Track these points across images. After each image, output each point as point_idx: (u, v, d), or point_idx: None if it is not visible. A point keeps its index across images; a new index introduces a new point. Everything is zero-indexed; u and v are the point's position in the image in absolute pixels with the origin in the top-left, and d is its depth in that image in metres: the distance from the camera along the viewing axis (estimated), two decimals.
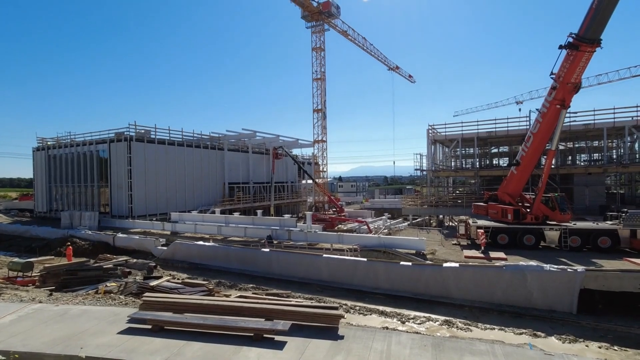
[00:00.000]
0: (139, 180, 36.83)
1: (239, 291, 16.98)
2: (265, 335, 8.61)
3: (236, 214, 34.72)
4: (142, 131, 38.62)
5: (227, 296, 14.52)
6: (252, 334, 8.65)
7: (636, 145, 38.47)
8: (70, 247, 24.87)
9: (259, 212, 35.74)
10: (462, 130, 39.36)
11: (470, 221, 26.00)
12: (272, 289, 17.35)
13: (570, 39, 20.79)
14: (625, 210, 23.92)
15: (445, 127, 40.22)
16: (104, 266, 18.98)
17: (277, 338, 8.56)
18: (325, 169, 49.93)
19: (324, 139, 48.37)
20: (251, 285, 18.18)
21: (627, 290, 13.63)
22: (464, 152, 49.96)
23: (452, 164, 46.56)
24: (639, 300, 13.62)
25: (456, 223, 34.18)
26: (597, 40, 20.15)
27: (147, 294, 12.40)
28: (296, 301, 12.31)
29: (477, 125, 38.54)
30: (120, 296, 13.84)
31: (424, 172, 42.86)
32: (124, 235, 28.46)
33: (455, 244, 25.28)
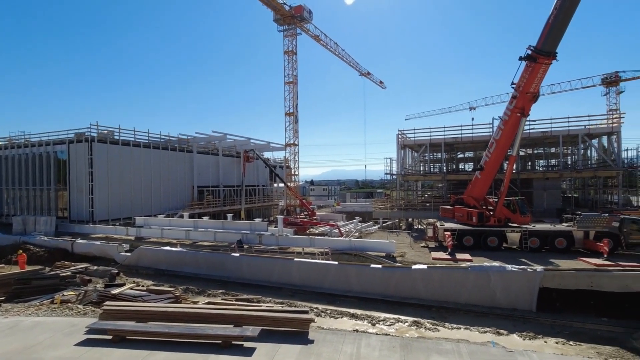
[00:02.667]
0: (101, 183, 35.12)
1: (208, 297, 16.53)
2: (234, 342, 8.40)
3: (205, 218, 33.86)
4: (105, 132, 36.89)
5: (195, 303, 14.09)
6: (220, 341, 8.42)
7: (588, 152, 41.17)
8: (24, 254, 23.25)
9: (229, 216, 35.08)
10: (430, 136, 40.54)
11: (438, 224, 26.76)
12: (242, 294, 17.02)
13: (529, 52, 21.99)
14: (579, 213, 25.52)
15: (414, 133, 41.29)
16: (61, 274, 17.89)
17: (246, 344, 8.38)
18: (297, 173, 49.80)
19: (296, 142, 48.29)
20: (221, 291, 17.75)
21: (582, 288, 14.49)
22: (432, 157, 51.41)
23: (421, 169, 47.83)
24: (592, 297, 14.51)
25: (425, 226, 35.08)
26: (553, 53, 21.44)
27: (108, 302, 11.79)
28: (267, 306, 12.14)
29: (444, 131, 39.85)
30: (79, 306, 13.08)
31: (394, 176, 43.74)
32: (84, 241, 26.98)
33: (423, 246, 25.92)
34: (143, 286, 17.04)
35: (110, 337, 8.70)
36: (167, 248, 23.12)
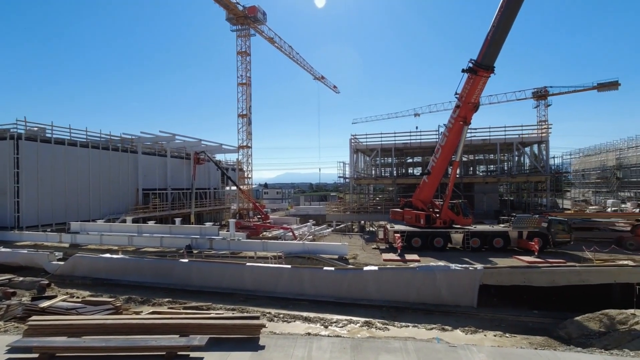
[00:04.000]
0: (29, 185, 31.83)
1: (153, 307, 15.61)
2: (179, 353, 7.97)
3: (151, 223, 32.00)
4: (35, 129, 33.56)
5: (137, 313, 13.18)
6: (164, 353, 7.94)
7: (522, 159, 44.97)
8: None
9: (178, 220, 33.46)
10: (381, 141, 41.88)
11: (388, 226, 27.65)
12: (191, 302, 16.28)
13: (471, 64, 23.57)
14: (514, 214, 27.72)
15: (366, 137, 42.42)
16: None
17: (193, 354, 7.99)
18: (250, 175, 48.89)
19: (249, 144, 47.45)
20: (167, 299, 16.84)
21: (516, 283, 15.71)
22: (383, 161, 53.17)
23: (373, 173, 49.20)
24: (525, 292, 15.79)
25: (376, 228, 36.07)
26: (491, 67, 23.17)
27: (34, 317, 10.64)
28: (216, 313, 11.70)
29: (395, 136, 41.41)
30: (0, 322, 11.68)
31: (347, 180, 44.54)
32: (8, 250, 24.23)
33: (375, 248, 26.61)
34: (78, 297, 15.66)
35: (36, 355, 7.84)
36: (107, 255, 21.49)
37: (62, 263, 21.70)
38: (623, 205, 44.42)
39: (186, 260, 20.29)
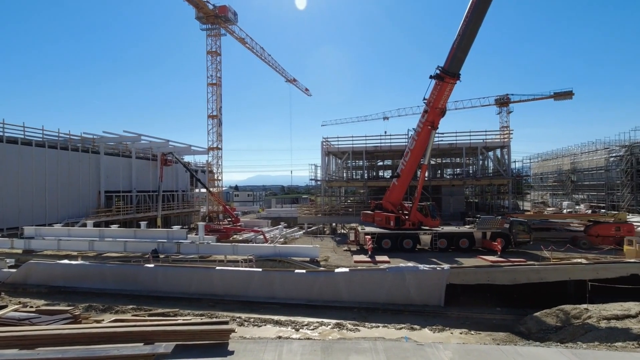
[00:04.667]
0: None
1: (116, 314, 14.92)
2: None
3: (114, 227, 30.58)
4: None
5: (98, 322, 12.53)
6: None
7: (486, 162, 46.96)
8: None
9: (143, 223, 32.17)
10: (352, 144, 42.35)
11: (359, 228, 27.97)
12: (156, 308, 15.72)
13: (438, 71, 24.36)
14: (479, 216, 28.86)
15: (338, 140, 42.75)
16: None
17: None
18: (220, 178, 47.93)
19: (220, 146, 46.55)
20: (131, 306, 16.15)
21: (481, 282, 16.33)
22: (354, 164, 53.80)
23: (344, 175, 49.64)
24: (489, 290, 16.42)
25: (347, 230, 36.36)
26: (457, 74, 24.05)
27: None
28: (183, 319, 11.33)
29: (366, 139, 42.03)
30: None
31: (319, 182, 44.67)
32: None
33: (346, 250, 26.82)
34: (32, 307, 14.68)
35: None
36: (65, 262, 20.33)
37: (14, 270, 20.29)
38: (577, 207, 47.48)
39: (152, 265, 19.57)
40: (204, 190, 48.28)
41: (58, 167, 35.95)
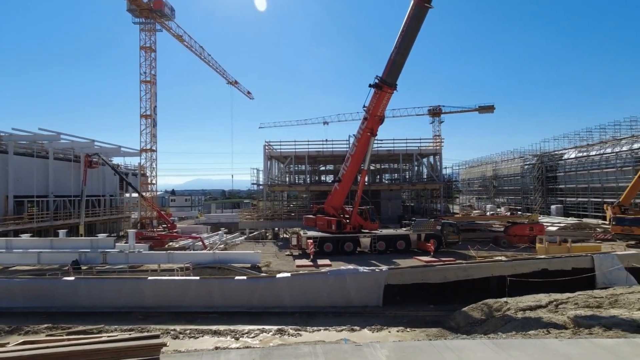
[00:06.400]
0: None
1: (25, 336, 13.17)
2: None
3: (26, 236, 27.14)
4: None
5: (2, 345, 10.94)
6: None
7: (421, 168, 50.01)
8: None
9: (62, 232, 28.95)
10: (295, 149, 42.45)
11: (302, 232, 28.03)
12: (77, 326, 14.17)
13: (377, 80, 25.42)
14: (414, 219, 30.53)
15: (280, 145, 42.56)
16: None
17: None
18: (154, 181, 44.97)
19: (154, 148, 43.73)
20: (45, 325, 14.38)
21: (416, 281, 17.26)
22: (297, 168, 53.99)
23: (287, 180, 49.51)
24: (423, 289, 17.41)
25: (289, 235, 36.24)
26: (394, 84, 25.31)
27: None
28: (108, 336, 10.32)
29: (308, 144, 42.39)
30: None
31: (261, 187, 44.01)
32: None
33: (288, 255, 26.67)
34: None
35: None
36: None
37: None
38: (498, 210, 52.56)
39: (72, 277, 17.71)
40: (135, 194, 44.94)
41: None
